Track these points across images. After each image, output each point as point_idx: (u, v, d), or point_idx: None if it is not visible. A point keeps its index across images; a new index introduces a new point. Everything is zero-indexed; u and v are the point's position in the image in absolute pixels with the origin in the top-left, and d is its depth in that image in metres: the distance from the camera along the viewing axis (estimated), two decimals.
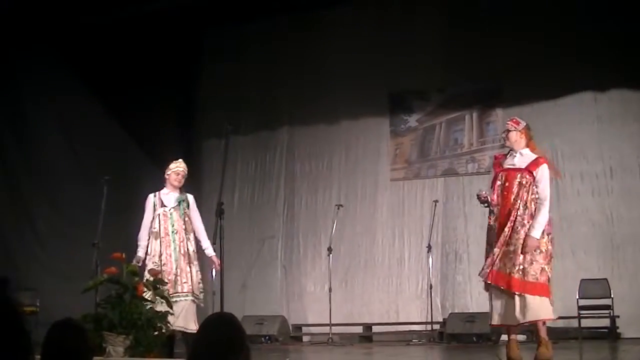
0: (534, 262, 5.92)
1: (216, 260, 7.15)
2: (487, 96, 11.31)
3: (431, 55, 11.51)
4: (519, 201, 6.03)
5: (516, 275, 5.89)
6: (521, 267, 5.91)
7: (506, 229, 6.00)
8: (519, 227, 5.97)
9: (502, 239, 6.01)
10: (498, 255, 6.01)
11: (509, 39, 10.93)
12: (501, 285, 6.00)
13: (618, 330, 9.57)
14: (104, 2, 10.57)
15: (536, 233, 5.93)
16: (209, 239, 7.28)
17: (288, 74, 12.57)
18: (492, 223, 6.16)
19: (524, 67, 10.85)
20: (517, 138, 6.25)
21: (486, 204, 6.22)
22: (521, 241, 5.94)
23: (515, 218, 6.00)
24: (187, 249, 7.22)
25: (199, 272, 7.28)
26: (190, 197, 7.44)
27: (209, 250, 7.33)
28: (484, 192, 6.24)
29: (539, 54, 10.76)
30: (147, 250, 7.21)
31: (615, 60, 10.32)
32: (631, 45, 10.20)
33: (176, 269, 7.10)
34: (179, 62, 12.54)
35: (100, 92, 11.56)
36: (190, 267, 7.17)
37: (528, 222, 5.98)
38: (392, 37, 11.79)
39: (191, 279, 7.13)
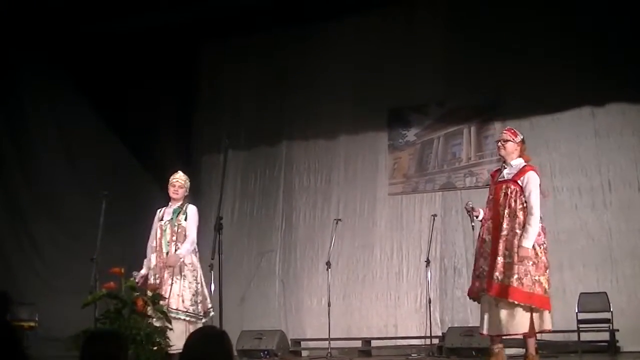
0: (527, 274, 5.97)
1: (170, 259, 7.04)
2: (486, 110, 11.32)
3: (430, 69, 11.54)
4: (506, 211, 6.10)
5: (514, 284, 5.93)
6: (517, 276, 5.95)
7: (500, 242, 6.07)
8: (512, 238, 6.03)
9: (499, 251, 6.06)
10: (496, 266, 6.04)
11: (507, 53, 10.97)
12: (496, 295, 6.02)
13: (618, 344, 9.52)
14: (104, 14, 10.62)
15: (527, 243, 5.99)
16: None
17: (287, 88, 12.60)
18: (485, 237, 6.24)
19: (523, 81, 10.87)
20: (512, 149, 6.34)
21: (473, 217, 6.36)
22: (515, 250, 6.00)
23: (509, 228, 6.06)
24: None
25: (190, 287, 7.08)
26: (190, 208, 7.39)
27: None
28: (470, 203, 6.44)
29: (537, 68, 10.78)
30: (150, 265, 7.20)
31: (613, 74, 10.33)
32: (629, 60, 10.22)
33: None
34: (177, 76, 12.58)
35: (100, 105, 11.62)
36: (172, 279, 7.02)
37: (519, 231, 6.03)
38: (391, 51, 11.83)
39: (170, 292, 6.94)
